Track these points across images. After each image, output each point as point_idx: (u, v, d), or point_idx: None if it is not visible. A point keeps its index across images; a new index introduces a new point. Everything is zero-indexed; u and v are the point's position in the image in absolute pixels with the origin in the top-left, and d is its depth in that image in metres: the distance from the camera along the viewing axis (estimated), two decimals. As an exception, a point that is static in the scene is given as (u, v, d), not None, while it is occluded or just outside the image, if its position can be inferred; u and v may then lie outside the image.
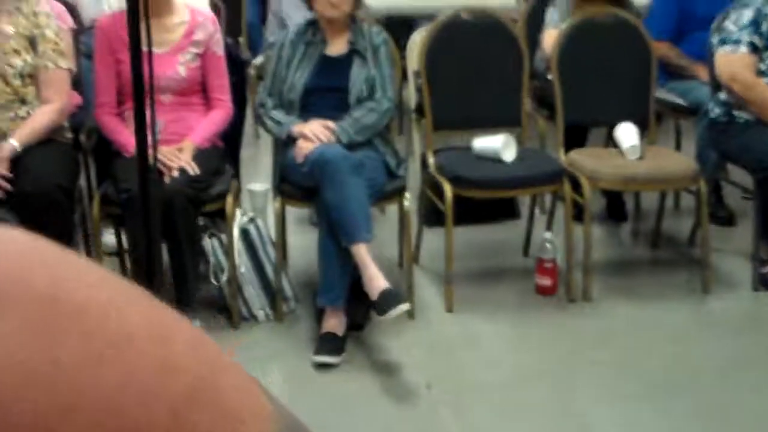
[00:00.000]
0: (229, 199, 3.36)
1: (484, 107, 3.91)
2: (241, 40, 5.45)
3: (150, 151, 3.16)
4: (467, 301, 3.58)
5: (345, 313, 3.23)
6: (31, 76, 3.27)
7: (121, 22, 3.39)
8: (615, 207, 4.41)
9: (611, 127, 3.95)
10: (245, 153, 4.20)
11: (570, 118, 3.91)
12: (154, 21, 3.35)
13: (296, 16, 4.29)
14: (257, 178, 4.24)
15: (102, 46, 3.36)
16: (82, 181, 3.67)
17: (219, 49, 3.44)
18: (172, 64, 3.36)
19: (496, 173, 3.63)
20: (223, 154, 3.51)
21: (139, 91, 2.70)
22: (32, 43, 3.28)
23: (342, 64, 3.50)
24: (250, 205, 3.91)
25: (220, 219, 3.44)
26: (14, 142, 3.16)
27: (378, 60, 3.49)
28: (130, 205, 3.09)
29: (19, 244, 0.33)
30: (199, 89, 3.45)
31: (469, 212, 3.94)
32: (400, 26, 5.56)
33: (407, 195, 3.51)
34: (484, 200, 3.87)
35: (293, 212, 3.82)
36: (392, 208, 3.74)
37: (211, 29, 3.43)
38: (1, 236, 0.34)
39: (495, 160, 3.66)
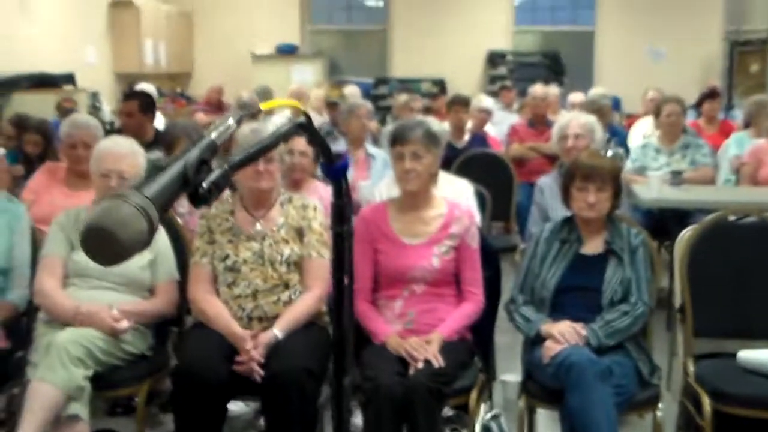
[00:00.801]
0: (473, 395, 3.35)
1: (755, 316, 3.63)
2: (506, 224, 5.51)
3: (393, 342, 3.23)
4: None
5: None
6: (296, 264, 3.46)
7: (381, 213, 3.55)
8: None
9: None
10: (502, 340, 4.16)
11: None
12: (413, 214, 3.51)
13: (559, 209, 4.28)
14: (514, 367, 4.16)
15: (362, 235, 3.53)
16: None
17: (474, 243, 3.52)
18: (427, 256, 3.45)
19: (765, 391, 3.31)
20: (471, 347, 3.51)
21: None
22: (299, 233, 3.50)
23: (597, 264, 3.46)
24: (502, 394, 3.85)
25: (464, 412, 3.40)
26: (277, 332, 3.34)
27: (635, 262, 3.42)
28: (372, 394, 3.12)
29: None
30: (452, 281, 3.52)
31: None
32: (672, 217, 5.43)
33: (660, 405, 3.29)
34: (751, 420, 3.53)
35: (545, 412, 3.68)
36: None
37: (467, 223, 3.52)
38: None
39: (765, 375, 3.35)
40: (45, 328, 3.49)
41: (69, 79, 9.76)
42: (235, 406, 4.09)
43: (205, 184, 1.09)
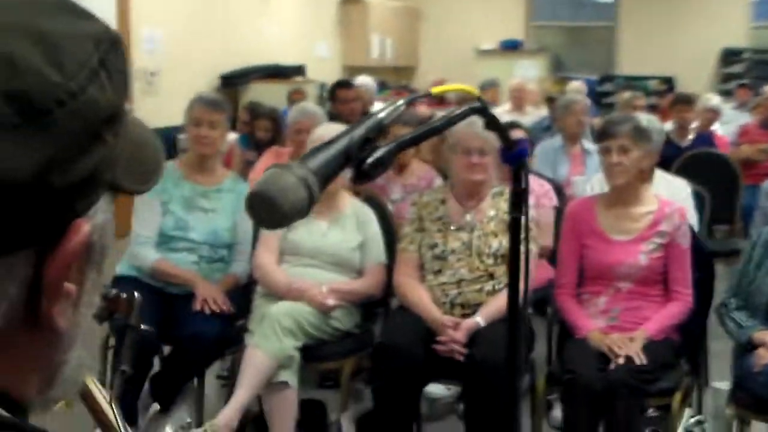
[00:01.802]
0: (677, 397, 3.25)
1: None
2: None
3: (595, 337, 3.20)
4: None
5: None
6: (503, 257, 3.49)
7: (589, 208, 3.52)
8: None
9: None
10: (718, 346, 3.99)
11: None
12: (623, 210, 3.46)
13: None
14: (728, 374, 4.00)
15: (569, 230, 3.51)
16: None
17: (684, 242, 3.43)
18: (634, 253, 3.39)
19: None
20: (678, 349, 3.41)
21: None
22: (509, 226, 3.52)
23: (819, 272, 3.24)
24: (713, 402, 3.71)
25: (667, 414, 3.32)
26: (479, 319, 3.38)
27: None
28: (570, 387, 3.11)
29: None
30: (659, 279, 3.45)
31: None
32: None
33: None
34: None
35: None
36: None
37: (677, 221, 3.44)
38: None
39: None
40: (262, 300, 3.72)
41: (300, 71, 10.24)
42: (436, 389, 4.18)
43: (368, 161, 1.13)
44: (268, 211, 0.98)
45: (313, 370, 3.82)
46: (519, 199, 1.64)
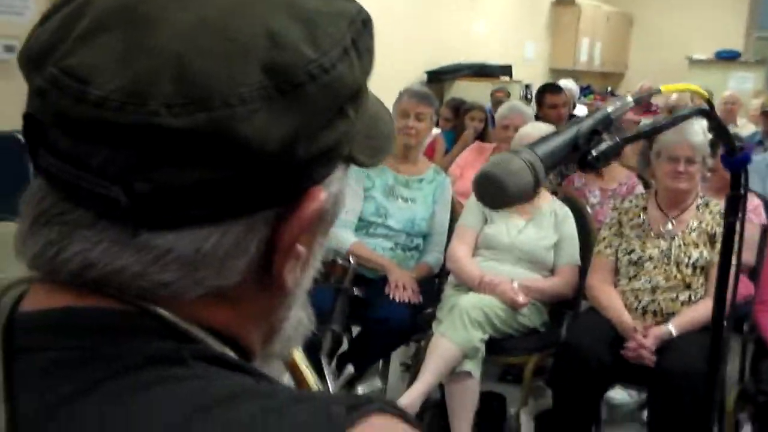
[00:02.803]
0: None
1: None
2: None
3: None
4: None
5: None
6: (703, 268, 3.40)
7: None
8: None
9: None
10: None
11: None
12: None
13: None
14: None
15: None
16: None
17: None
18: None
19: None
20: None
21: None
22: (712, 238, 3.43)
23: None
24: None
25: None
26: (672, 328, 3.31)
27: None
28: (763, 407, 3.00)
29: None
30: None
31: None
32: None
33: None
34: None
35: None
36: None
37: None
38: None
39: None
40: (452, 290, 3.78)
41: (506, 70, 10.25)
42: (619, 395, 4.11)
43: (594, 152, 1.16)
44: (495, 192, 1.03)
45: (497, 363, 3.85)
46: (736, 205, 1.61)
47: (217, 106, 0.58)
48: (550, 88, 6.65)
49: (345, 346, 3.81)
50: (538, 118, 6.19)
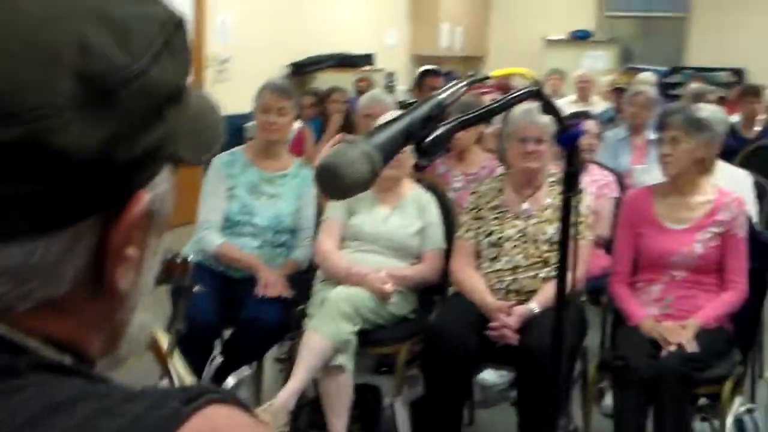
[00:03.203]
0: (727, 385, 3.26)
1: None
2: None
3: (647, 325, 3.23)
4: None
5: None
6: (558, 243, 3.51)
7: (645, 198, 3.54)
8: None
9: None
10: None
11: None
12: (679, 199, 3.47)
13: None
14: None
15: (625, 219, 3.55)
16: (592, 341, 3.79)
17: (741, 231, 3.44)
18: (689, 242, 3.40)
19: None
20: (731, 337, 3.41)
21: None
22: (564, 212, 3.55)
23: None
24: (766, 392, 3.71)
25: (717, 402, 3.32)
26: (534, 306, 3.41)
27: None
28: (621, 374, 3.14)
29: None
30: (715, 269, 3.46)
31: None
32: None
33: None
34: None
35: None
36: None
37: (735, 211, 3.44)
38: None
39: None
40: (322, 285, 3.80)
41: (368, 59, 10.32)
42: (489, 376, 4.22)
43: (428, 139, 1.20)
44: (334, 182, 1.06)
45: (369, 354, 3.89)
46: (571, 180, 1.68)
47: (32, 118, 0.58)
48: (429, 72, 6.73)
49: (218, 349, 3.79)
50: (410, 103, 6.30)
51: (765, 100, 7.01)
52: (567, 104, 8.62)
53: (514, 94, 1.51)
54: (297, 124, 5.37)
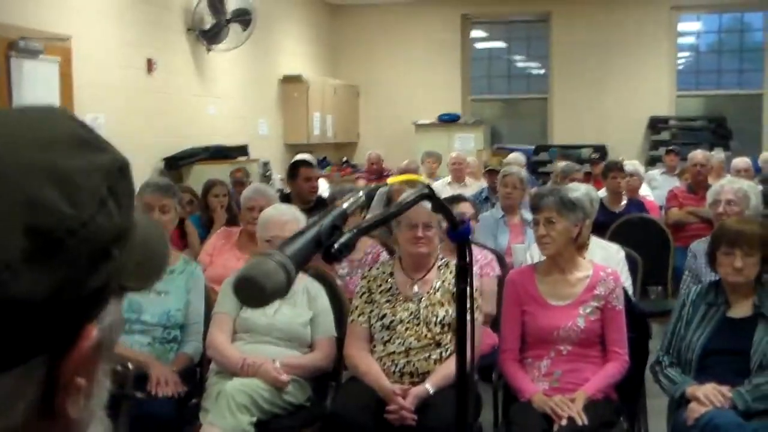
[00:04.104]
0: (617, 454, 3.37)
1: None
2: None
3: (538, 400, 3.34)
4: None
5: None
6: (449, 325, 3.63)
7: (528, 276, 3.69)
8: None
9: None
10: (657, 404, 4.15)
11: None
12: (559, 276, 3.64)
13: (709, 274, 4.29)
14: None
15: (511, 297, 3.68)
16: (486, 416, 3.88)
17: (618, 304, 3.62)
18: (573, 316, 3.57)
19: None
20: (617, 406, 3.57)
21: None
22: (454, 296, 3.66)
23: (745, 327, 3.50)
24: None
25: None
26: (429, 387, 3.53)
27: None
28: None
29: None
30: (597, 341, 3.63)
31: None
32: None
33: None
34: None
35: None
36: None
37: (612, 285, 3.62)
38: None
39: None
40: (216, 377, 3.80)
41: (243, 150, 10.39)
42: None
43: (336, 246, 1.29)
44: (254, 293, 1.12)
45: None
46: (464, 273, 1.79)
47: None
48: (303, 163, 6.84)
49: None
50: (286, 196, 6.40)
51: (626, 175, 7.40)
52: (442, 186, 8.89)
53: (411, 198, 1.61)
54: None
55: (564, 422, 3.34)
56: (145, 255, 0.79)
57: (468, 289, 1.76)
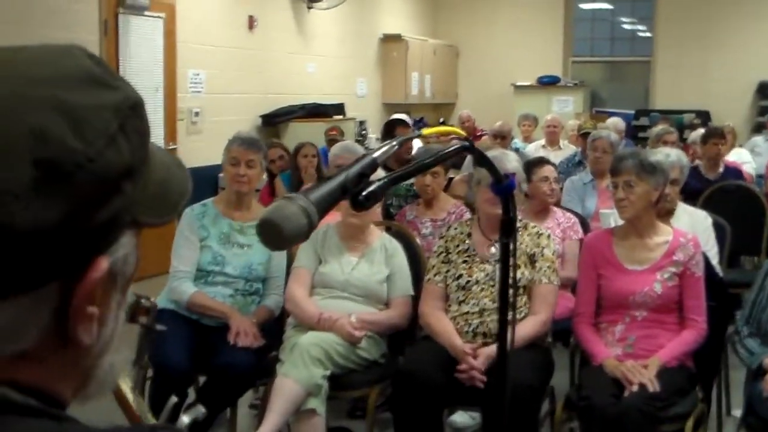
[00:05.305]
0: (689, 423, 3.33)
1: None
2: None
3: (610, 365, 3.31)
4: None
5: None
6: (525, 288, 3.61)
7: (605, 240, 3.64)
8: None
9: None
10: (739, 376, 4.06)
11: None
12: (636, 241, 3.58)
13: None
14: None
15: (587, 261, 3.64)
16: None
17: (698, 271, 3.54)
18: (649, 282, 3.50)
19: None
20: (692, 375, 3.51)
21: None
22: (531, 258, 3.65)
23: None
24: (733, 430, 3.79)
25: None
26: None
27: None
28: (586, 413, 3.22)
29: None
30: (674, 308, 3.56)
31: None
32: None
33: None
34: None
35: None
36: None
37: (692, 251, 3.54)
38: None
39: None
40: (293, 331, 3.87)
41: (339, 109, 10.47)
42: (461, 418, 4.29)
43: (363, 194, 1.29)
44: (273, 235, 1.15)
45: (341, 398, 3.96)
46: (508, 227, 1.77)
47: None
48: (399, 123, 6.82)
49: (192, 396, 3.84)
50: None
51: (728, 142, 7.18)
52: (536, 149, 8.77)
53: (449, 149, 1.60)
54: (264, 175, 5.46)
55: (635, 388, 3.29)
56: (163, 189, 0.82)
57: (510, 243, 1.75)
